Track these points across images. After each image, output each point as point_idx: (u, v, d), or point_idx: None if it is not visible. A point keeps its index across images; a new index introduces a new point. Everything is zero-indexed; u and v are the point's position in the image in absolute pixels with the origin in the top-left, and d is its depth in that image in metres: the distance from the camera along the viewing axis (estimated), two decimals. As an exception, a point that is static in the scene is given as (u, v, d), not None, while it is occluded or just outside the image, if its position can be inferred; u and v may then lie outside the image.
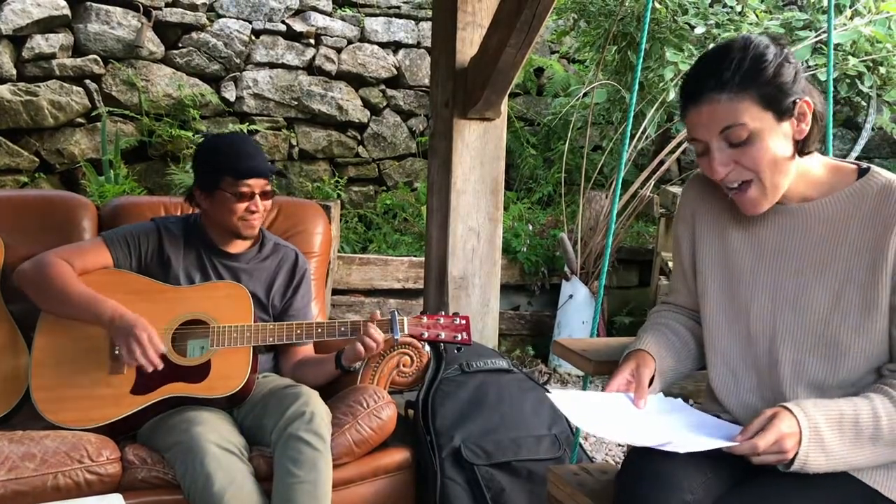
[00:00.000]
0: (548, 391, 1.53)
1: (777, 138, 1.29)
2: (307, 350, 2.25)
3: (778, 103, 1.27)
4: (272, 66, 5.05)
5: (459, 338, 2.10)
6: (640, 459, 1.35)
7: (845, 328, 1.32)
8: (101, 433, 1.90)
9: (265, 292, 2.19)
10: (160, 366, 1.90)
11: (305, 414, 1.85)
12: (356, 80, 5.26)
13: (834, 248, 1.34)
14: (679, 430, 1.37)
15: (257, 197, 2.09)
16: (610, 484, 1.61)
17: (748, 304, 1.42)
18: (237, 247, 2.19)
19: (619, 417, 1.41)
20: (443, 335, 2.10)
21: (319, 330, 2.06)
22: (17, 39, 4.40)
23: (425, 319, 2.12)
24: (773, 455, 1.22)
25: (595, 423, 1.39)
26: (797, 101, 1.28)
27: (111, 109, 4.57)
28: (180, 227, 2.18)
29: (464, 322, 2.12)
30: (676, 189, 4.25)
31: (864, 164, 1.38)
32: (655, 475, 1.29)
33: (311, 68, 5.15)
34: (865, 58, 4.15)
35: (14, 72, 4.39)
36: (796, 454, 1.22)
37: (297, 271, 2.26)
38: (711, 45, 4.23)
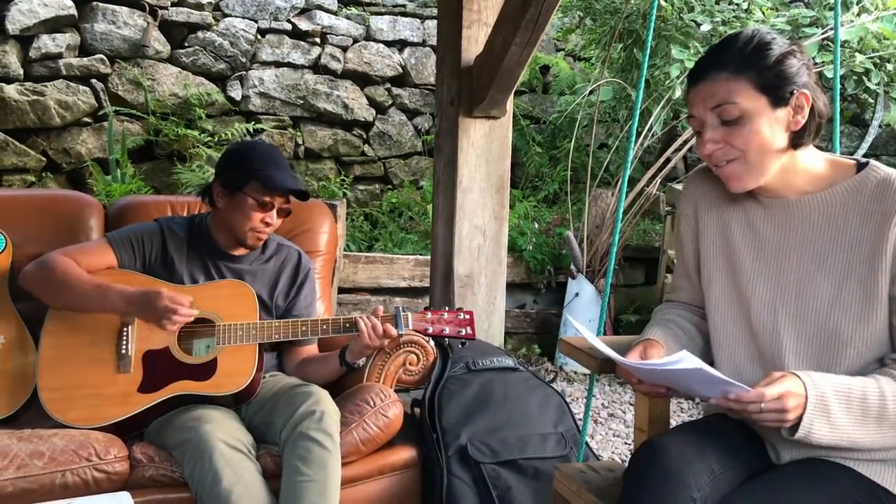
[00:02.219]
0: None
1: (770, 124, 1.32)
2: (311, 349, 2.25)
3: (775, 90, 1.31)
4: (278, 64, 5.06)
5: (464, 332, 2.08)
6: (648, 457, 1.35)
7: (846, 319, 1.32)
8: (109, 432, 1.90)
9: (268, 293, 2.19)
10: (195, 313, 1.94)
11: (316, 413, 1.85)
12: (362, 79, 5.27)
13: (834, 240, 1.35)
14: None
15: (275, 211, 2.09)
16: (616, 482, 1.61)
17: (749, 298, 1.43)
18: (240, 249, 2.18)
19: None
20: (447, 330, 2.08)
21: (324, 326, 2.06)
22: (24, 39, 4.42)
23: (429, 315, 2.10)
24: (774, 413, 1.21)
25: (606, 347, 1.41)
26: (795, 91, 1.31)
27: (118, 109, 4.58)
28: (184, 227, 2.17)
29: (468, 317, 2.10)
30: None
31: (863, 160, 1.39)
32: (662, 473, 1.29)
33: (317, 67, 5.15)
34: (872, 54, 4.13)
35: (21, 72, 4.41)
36: (801, 420, 1.21)
37: (301, 271, 2.25)
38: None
